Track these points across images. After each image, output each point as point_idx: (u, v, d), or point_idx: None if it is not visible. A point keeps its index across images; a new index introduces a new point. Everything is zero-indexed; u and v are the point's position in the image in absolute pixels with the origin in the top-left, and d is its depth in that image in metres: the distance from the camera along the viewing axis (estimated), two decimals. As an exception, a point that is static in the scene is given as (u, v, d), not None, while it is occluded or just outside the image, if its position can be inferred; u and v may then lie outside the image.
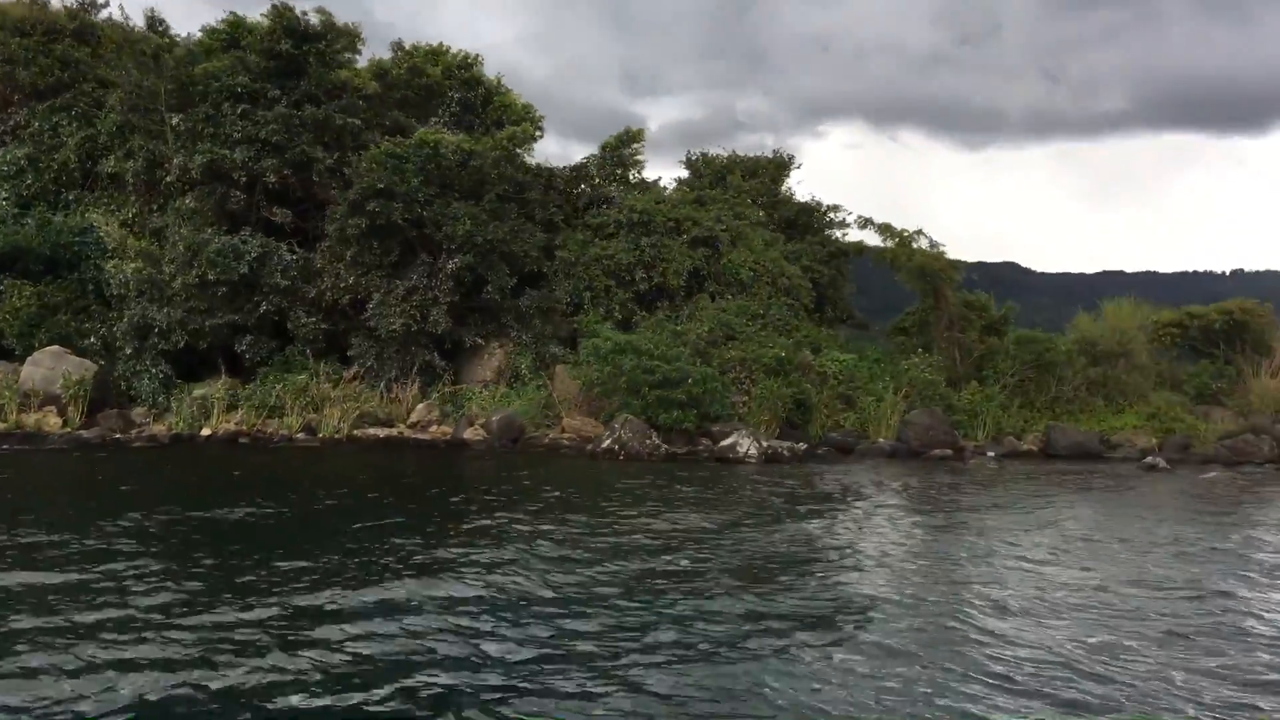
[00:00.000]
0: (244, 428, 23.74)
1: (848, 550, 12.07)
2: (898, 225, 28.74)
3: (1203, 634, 8.76)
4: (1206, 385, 27.39)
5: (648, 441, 21.64)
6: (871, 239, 30.14)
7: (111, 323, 25.38)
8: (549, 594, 9.58)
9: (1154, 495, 18.00)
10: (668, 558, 11.27)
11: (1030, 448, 25.11)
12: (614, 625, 8.58)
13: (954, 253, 29.11)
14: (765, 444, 21.58)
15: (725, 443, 21.56)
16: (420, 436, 24.21)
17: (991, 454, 22.96)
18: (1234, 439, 23.99)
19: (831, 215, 32.09)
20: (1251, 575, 11.16)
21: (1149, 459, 22.30)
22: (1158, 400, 26.63)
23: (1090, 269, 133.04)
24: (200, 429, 23.48)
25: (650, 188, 30.48)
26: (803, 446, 22.86)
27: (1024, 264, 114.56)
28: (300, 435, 23.65)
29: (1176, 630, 8.85)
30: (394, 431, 24.31)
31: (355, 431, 24.03)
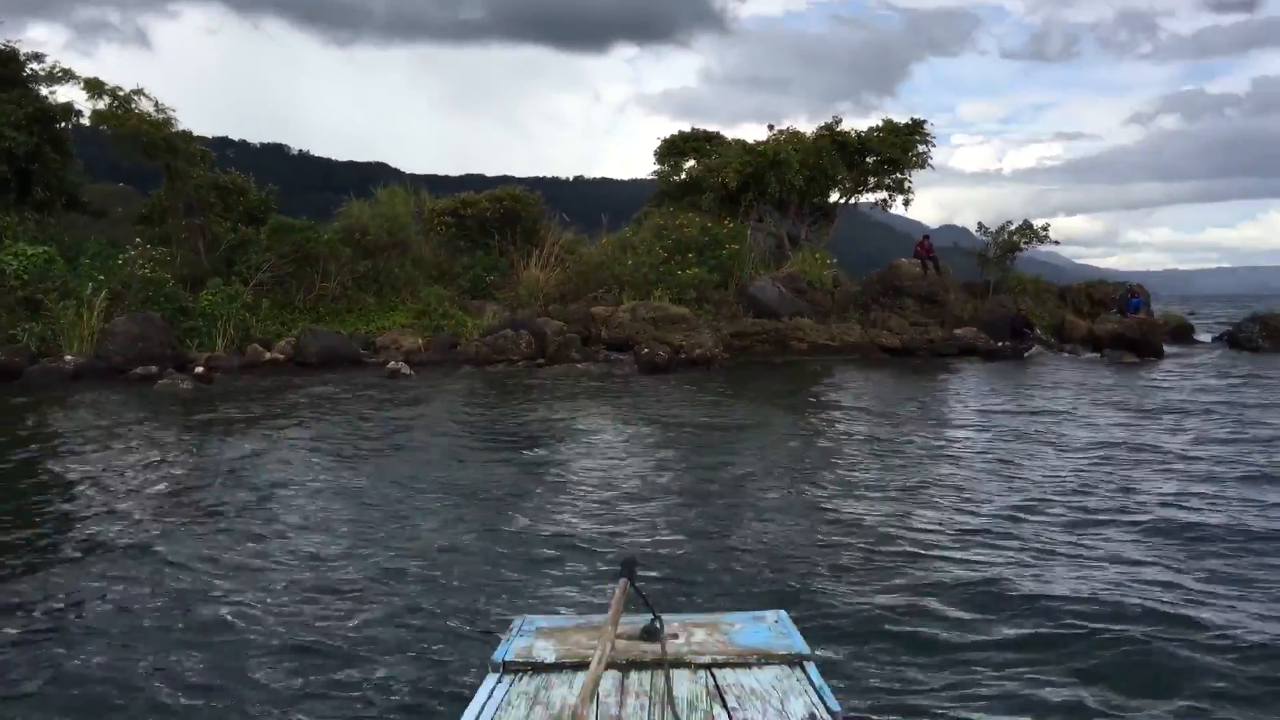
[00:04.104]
0: None
1: None
2: (111, 83, 22.56)
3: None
4: (480, 278, 25.79)
5: None
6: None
7: None
8: None
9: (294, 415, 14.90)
10: None
11: (278, 356, 21.27)
12: None
13: (326, 151, 23.95)
14: None
15: None
16: None
17: (200, 369, 18.44)
18: (495, 335, 22.39)
19: (36, 67, 24.35)
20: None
21: (391, 364, 19.57)
22: (429, 296, 24.36)
23: (455, 171, 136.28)
24: None
25: None
26: (-75, 375, 16.36)
27: (394, 164, 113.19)
28: None
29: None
30: None
31: None
